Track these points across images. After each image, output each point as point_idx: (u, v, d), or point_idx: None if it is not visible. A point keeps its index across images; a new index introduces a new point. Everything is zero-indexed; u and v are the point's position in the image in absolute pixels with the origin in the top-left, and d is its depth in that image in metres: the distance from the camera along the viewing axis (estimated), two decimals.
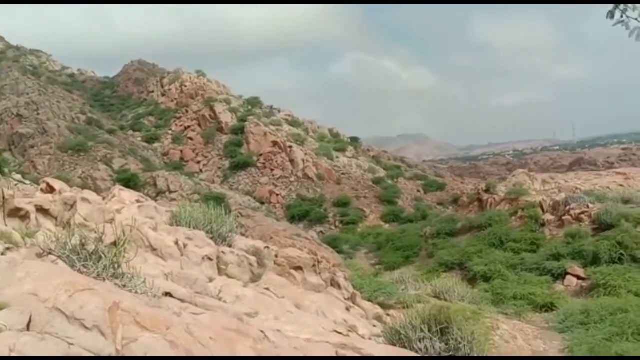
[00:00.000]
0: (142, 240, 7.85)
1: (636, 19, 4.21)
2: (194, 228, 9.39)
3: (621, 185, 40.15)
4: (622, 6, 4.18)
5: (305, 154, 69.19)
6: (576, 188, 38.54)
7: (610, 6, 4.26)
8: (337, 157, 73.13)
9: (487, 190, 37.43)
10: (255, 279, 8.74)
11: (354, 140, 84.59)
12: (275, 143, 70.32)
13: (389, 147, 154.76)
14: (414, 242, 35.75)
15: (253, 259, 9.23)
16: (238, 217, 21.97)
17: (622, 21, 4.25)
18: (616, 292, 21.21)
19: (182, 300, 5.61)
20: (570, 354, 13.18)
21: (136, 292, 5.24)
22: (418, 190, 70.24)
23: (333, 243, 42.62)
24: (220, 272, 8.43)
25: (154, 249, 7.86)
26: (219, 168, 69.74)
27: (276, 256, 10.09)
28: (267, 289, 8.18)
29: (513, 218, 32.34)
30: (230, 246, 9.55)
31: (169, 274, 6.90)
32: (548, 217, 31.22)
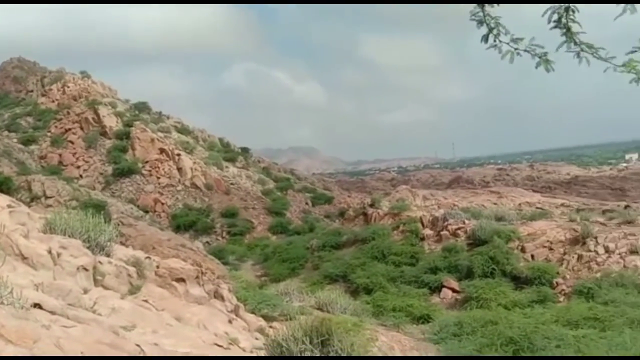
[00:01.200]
0: (12, 248, 7.38)
1: (507, 43, 4.41)
2: (69, 236, 8.93)
3: (495, 204, 41.80)
4: (495, 31, 4.36)
5: (194, 163, 67.83)
6: (454, 205, 40.16)
7: (484, 30, 4.48)
8: (226, 167, 72.27)
9: (372, 205, 38.44)
10: (134, 290, 8.44)
11: (245, 150, 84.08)
12: (162, 150, 68.42)
13: (280, 159, 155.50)
14: (300, 254, 35.97)
15: (132, 269, 8.92)
16: (118, 225, 21.15)
17: (495, 45, 4.40)
18: (487, 305, 22.38)
19: (52, 313, 5.33)
20: None
21: (2, 303, 4.92)
22: (306, 203, 70.88)
23: (219, 254, 41.89)
24: (96, 283, 8.07)
25: (24, 258, 7.41)
26: (101, 174, 66.76)
27: (157, 267, 9.81)
28: (146, 301, 7.93)
29: (395, 232, 33.39)
30: (108, 256, 9.18)
31: (40, 284, 6.53)
32: (427, 231, 32.50)
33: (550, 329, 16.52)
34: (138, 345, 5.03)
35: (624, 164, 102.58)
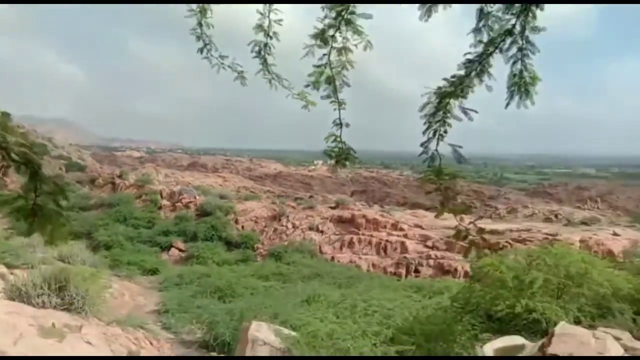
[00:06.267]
0: None
1: (216, 58, 4.29)
2: None
3: (221, 185, 42.23)
4: (208, 46, 4.23)
5: None
6: (189, 183, 39.68)
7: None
8: None
9: (120, 176, 36.47)
10: None
11: (5, 115, 71.36)
12: None
13: (40, 128, 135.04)
14: None
15: None
16: None
17: (207, 57, 4.26)
18: (205, 262, 22.79)
19: None
20: (163, 307, 13.68)
21: None
22: (60, 168, 62.81)
23: None
24: None
25: None
26: None
27: None
28: None
29: (138, 201, 31.92)
30: None
31: None
32: (165, 202, 31.66)
33: (248, 281, 17.45)
34: None
35: (313, 167, 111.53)
